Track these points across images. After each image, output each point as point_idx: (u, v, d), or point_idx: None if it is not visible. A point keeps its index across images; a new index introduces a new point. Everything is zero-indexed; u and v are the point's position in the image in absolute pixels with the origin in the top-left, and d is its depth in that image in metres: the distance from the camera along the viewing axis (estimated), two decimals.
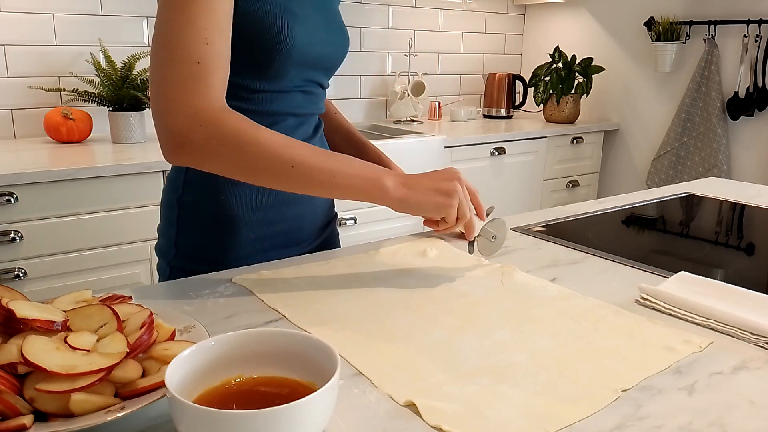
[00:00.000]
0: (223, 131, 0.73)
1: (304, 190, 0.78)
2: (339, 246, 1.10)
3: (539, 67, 3.05)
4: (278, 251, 0.97)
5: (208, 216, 0.92)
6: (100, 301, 0.61)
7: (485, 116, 3.28)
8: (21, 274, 1.69)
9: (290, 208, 0.96)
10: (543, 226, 1.15)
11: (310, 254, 0.97)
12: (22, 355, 0.49)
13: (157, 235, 1.00)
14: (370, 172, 0.79)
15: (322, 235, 1.06)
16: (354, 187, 0.78)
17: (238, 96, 0.87)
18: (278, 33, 0.83)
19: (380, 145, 2.24)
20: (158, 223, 0.99)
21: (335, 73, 1.14)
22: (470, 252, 0.91)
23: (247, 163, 0.74)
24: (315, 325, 0.71)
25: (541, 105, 3.11)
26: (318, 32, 0.90)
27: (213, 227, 0.93)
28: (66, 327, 0.54)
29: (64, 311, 0.56)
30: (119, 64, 2.12)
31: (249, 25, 0.81)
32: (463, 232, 0.91)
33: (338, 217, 1.15)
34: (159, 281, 0.96)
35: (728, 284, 0.82)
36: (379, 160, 1.09)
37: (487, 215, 0.93)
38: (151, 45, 0.75)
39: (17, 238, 1.66)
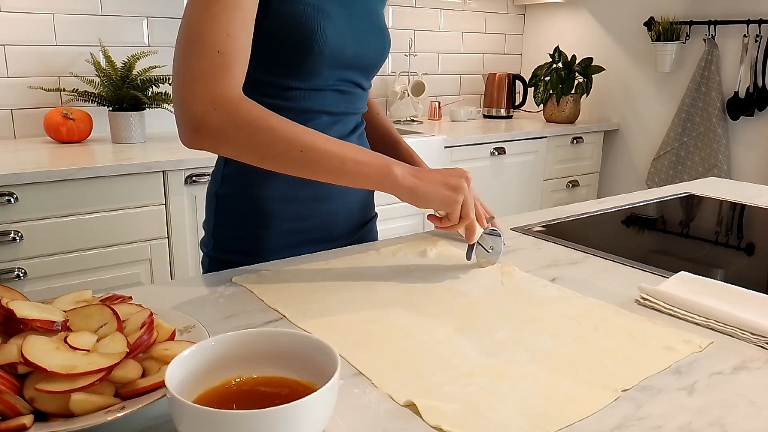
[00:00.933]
0: (239, 117, 0.76)
1: (315, 175, 0.80)
2: None
3: (539, 67, 3.05)
4: (311, 246, 0.99)
5: (242, 208, 0.96)
6: (100, 301, 0.61)
7: (485, 116, 3.28)
8: (21, 274, 1.69)
9: (322, 205, 0.98)
10: (543, 226, 1.15)
11: (310, 254, 0.97)
12: (22, 355, 0.49)
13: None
14: (380, 160, 0.81)
15: (357, 233, 1.06)
16: (363, 174, 0.80)
17: (270, 93, 0.90)
18: (310, 32, 0.85)
19: None
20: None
21: None
22: (468, 258, 0.91)
23: (259, 147, 0.77)
24: (315, 325, 0.71)
25: (541, 105, 3.11)
26: (351, 32, 0.91)
27: (246, 219, 0.96)
28: (66, 327, 0.54)
29: (64, 311, 0.56)
30: (119, 64, 2.12)
31: (281, 24, 0.84)
32: (463, 235, 0.91)
33: (377, 217, 1.15)
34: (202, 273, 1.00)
35: (728, 284, 0.82)
36: (411, 158, 1.12)
37: (489, 223, 0.93)
38: (176, 39, 0.79)
39: (17, 238, 1.67)
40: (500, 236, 0.93)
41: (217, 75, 0.76)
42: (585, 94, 3.03)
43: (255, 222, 0.96)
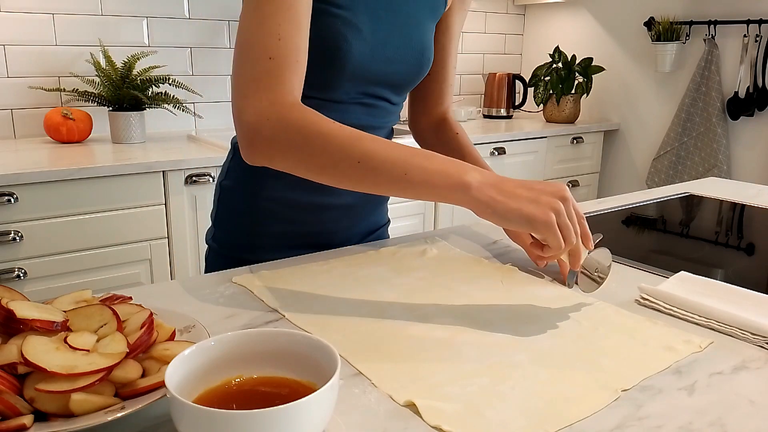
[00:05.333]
0: (289, 125, 0.71)
1: (376, 187, 0.71)
2: None
3: (539, 67, 3.05)
4: (308, 251, 0.98)
5: (240, 203, 0.97)
6: (100, 301, 0.61)
7: (485, 116, 3.27)
8: (21, 274, 1.69)
9: (323, 212, 0.97)
10: None
11: (310, 254, 0.97)
12: (22, 355, 0.49)
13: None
14: (450, 168, 0.69)
15: (364, 240, 1.04)
16: (430, 184, 0.69)
17: None
18: (335, 49, 0.82)
19: None
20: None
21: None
22: (570, 285, 0.79)
23: (313, 158, 0.71)
24: (315, 325, 0.71)
25: (541, 105, 3.11)
26: (383, 49, 0.87)
27: (243, 215, 0.97)
28: (66, 327, 0.54)
29: (64, 311, 0.56)
30: (119, 64, 2.12)
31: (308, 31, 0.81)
32: (566, 261, 0.77)
33: (389, 224, 1.13)
34: (205, 265, 1.03)
35: (728, 284, 0.82)
36: None
37: (595, 246, 0.76)
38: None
39: (17, 238, 1.66)
40: (608, 252, 0.78)
41: (270, 82, 0.72)
42: (585, 94, 3.03)
43: (250, 219, 0.96)
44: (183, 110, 2.20)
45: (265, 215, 0.95)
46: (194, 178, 1.91)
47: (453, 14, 1.01)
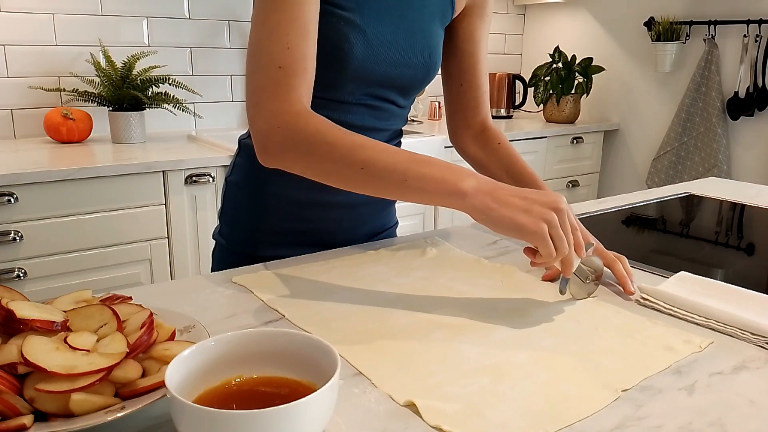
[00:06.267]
0: (296, 134, 0.74)
1: (378, 192, 0.74)
2: None
3: (539, 67, 3.05)
4: (310, 249, 0.99)
5: (244, 198, 0.98)
6: (100, 301, 0.61)
7: None
8: (21, 274, 1.69)
9: (325, 210, 0.97)
10: None
11: (310, 254, 0.97)
12: (22, 355, 0.49)
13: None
14: (447, 174, 0.71)
15: (369, 242, 1.04)
16: (428, 191, 0.71)
17: None
18: (335, 49, 0.83)
19: None
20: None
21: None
22: (562, 292, 0.78)
23: (319, 164, 0.73)
24: (315, 325, 0.71)
25: (541, 105, 3.11)
26: (388, 52, 0.88)
27: (246, 210, 0.98)
28: (66, 327, 0.54)
29: (64, 311, 0.56)
30: (119, 64, 2.12)
31: None
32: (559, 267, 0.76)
33: (397, 225, 1.13)
34: (212, 261, 1.05)
35: (728, 284, 0.82)
36: (536, 186, 0.96)
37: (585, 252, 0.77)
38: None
39: (17, 238, 1.66)
40: (598, 260, 0.82)
41: (278, 90, 0.75)
42: (585, 94, 3.03)
43: (253, 214, 0.97)
44: (183, 110, 2.20)
45: (269, 211, 0.96)
46: (194, 178, 1.91)
47: (473, 21, 1.01)
